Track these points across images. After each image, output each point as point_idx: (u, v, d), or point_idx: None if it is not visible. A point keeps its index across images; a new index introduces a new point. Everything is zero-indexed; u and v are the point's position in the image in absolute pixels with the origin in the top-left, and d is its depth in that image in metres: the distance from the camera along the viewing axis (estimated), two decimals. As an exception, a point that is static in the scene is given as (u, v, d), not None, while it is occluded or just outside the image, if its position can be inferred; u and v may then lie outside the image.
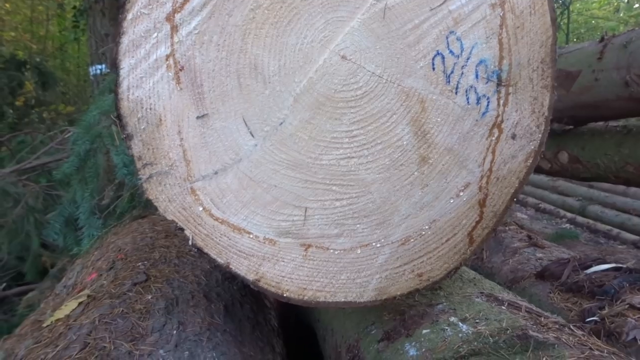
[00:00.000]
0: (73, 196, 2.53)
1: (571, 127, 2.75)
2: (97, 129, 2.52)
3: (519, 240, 1.78)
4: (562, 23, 22.00)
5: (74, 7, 6.17)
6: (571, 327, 0.90)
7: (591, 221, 5.42)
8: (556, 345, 0.78)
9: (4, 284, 3.23)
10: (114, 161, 2.36)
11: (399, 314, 1.07)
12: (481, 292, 1.08)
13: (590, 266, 1.39)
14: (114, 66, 0.88)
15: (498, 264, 1.70)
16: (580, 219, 5.72)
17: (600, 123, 2.63)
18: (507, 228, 1.94)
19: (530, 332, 0.82)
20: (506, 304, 1.01)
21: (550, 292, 1.37)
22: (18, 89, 11.64)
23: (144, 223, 1.77)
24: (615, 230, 4.86)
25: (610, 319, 1.14)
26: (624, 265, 1.38)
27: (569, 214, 6.16)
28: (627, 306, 1.15)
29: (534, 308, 1.01)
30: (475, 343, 0.85)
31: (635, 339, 1.08)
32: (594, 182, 4.99)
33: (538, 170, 3.25)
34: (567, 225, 6.68)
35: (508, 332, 0.84)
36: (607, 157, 2.57)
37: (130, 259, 1.36)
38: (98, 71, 5.60)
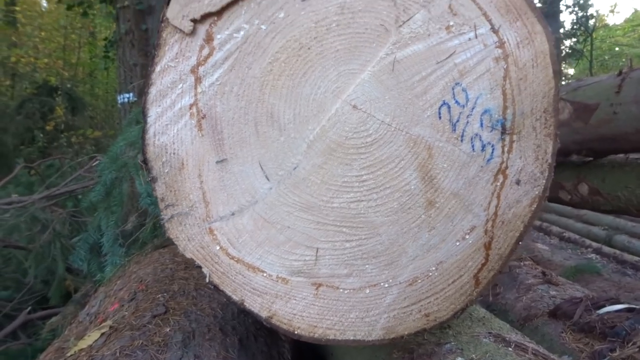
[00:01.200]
0: (98, 224, 2.63)
1: (591, 158, 2.73)
2: (123, 159, 2.62)
3: (533, 276, 1.78)
4: (585, 50, 21.91)
5: (105, 39, 6.45)
6: (576, 370, 0.92)
7: (618, 251, 5.27)
8: (558, 390, 0.80)
9: (29, 308, 3.31)
10: (139, 190, 2.44)
11: (407, 352, 1.10)
12: (489, 332, 1.10)
13: (604, 306, 1.39)
14: (142, 114, 0.95)
15: (512, 300, 1.70)
16: (606, 249, 5.58)
17: (621, 155, 2.62)
18: (521, 263, 1.95)
19: (534, 376, 0.84)
20: (513, 345, 1.03)
21: (562, 332, 1.38)
22: (49, 113, 12.06)
23: (165, 253, 1.83)
24: (644, 262, 4.73)
25: (621, 361, 1.14)
26: (638, 306, 1.38)
27: (594, 244, 6.01)
28: (637, 349, 1.15)
29: (541, 350, 1.03)
30: (480, 384, 0.87)
31: (644, 383, 1.08)
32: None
33: (558, 201, 3.22)
34: (593, 255, 6.52)
35: (512, 374, 0.87)
36: (628, 190, 2.54)
37: (150, 291, 1.42)
38: (126, 99, 5.79)
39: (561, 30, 22.08)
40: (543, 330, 1.46)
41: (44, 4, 17.41)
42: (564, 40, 22.44)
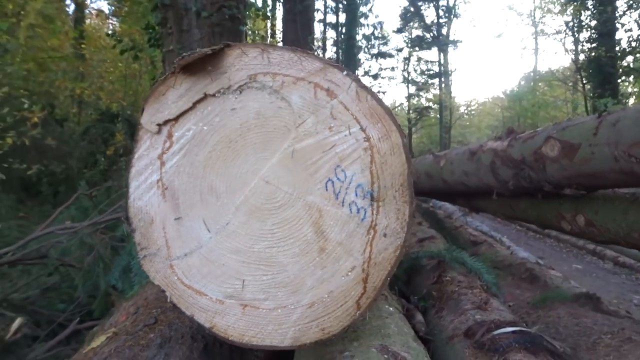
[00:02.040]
0: (130, 249, 3.15)
1: (584, 192, 2.89)
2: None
3: (472, 302, 2.10)
4: (644, 68, 20.97)
5: (153, 78, 7.18)
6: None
7: (674, 277, 5.24)
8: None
9: (78, 319, 3.87)
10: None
11: (320, 357, 1.48)
12: (381, 344, 1.47)
13: (502, 327, 1.71)
14: (126, 186, 1.41)
15: (448, 322, 2.03)
16: (662, 274, 5.55)
17: (609, 190, 2.78)
18: (469, 292, 2.27)
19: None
20: (390, 354, 1.40)
21: (466, 349, 1.71)
22: (110, 139, 13.05)
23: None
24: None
25: (489, 371, 1.48)
26: (526, 329, 1.70)
27: (650, 270, 5.95)
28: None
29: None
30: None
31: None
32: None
33: (562, 230, 3.42)
34: None
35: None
36: (615, 223, 2.70)
37: (149, 306, 1.87)
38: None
39: (617, 48, 21.52)
40: (456, 348, 1.79)
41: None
42: (620, 59, 21.81)
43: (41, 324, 3.94)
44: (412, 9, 34.92)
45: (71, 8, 17.56)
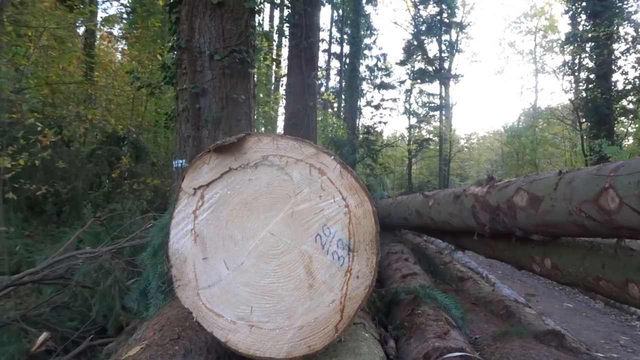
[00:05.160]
0: (147, 275, 3.62)
1: (549, 238, 3.28)
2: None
3: (434, 332, 2.57)
4: (639, 110, 21.35)
5: (166, 114, 7.75)
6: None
7: (662, 320, 5.56)
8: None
9: (92, 335, 4.28)
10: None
11: (306, 368, 1.94)
12: (353, 361, 1.93)
13: (452, 352, 2.17)
14: (167, 233, 1.90)
15: (413, 348, 2.49)
16: (652, 317, 5.83)
17: (570, 238, 3.12)
18: (435, 323, 2.73)
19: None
20: (359, 367, 1.86)
21: (423, 368, 2.17)
22: (115, 162, 13.50)
23: (187, 301, 2.75)
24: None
25: (434, 386, 1.94)
26: (470, 354, 2.16)
27: (639, 311, 6.21)
28: (446, 378, 1.94)
29: (374, 371, 1.85)
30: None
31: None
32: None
33: (533, 272, 3.84)
34: (638, 323, 6.71)
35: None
36: (575, 267, 3.08)
37: (172, 325, 2.33)
38: (179, 164, 6.91)
39: (614, 89, 21.99)
40: (416, 367, 2.26)
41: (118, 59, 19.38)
42: (616, 101, 22.27)
43: (55, 339, 4.34)
44: (415, 43, 35.98)
45: (81, 30, 17.89)
